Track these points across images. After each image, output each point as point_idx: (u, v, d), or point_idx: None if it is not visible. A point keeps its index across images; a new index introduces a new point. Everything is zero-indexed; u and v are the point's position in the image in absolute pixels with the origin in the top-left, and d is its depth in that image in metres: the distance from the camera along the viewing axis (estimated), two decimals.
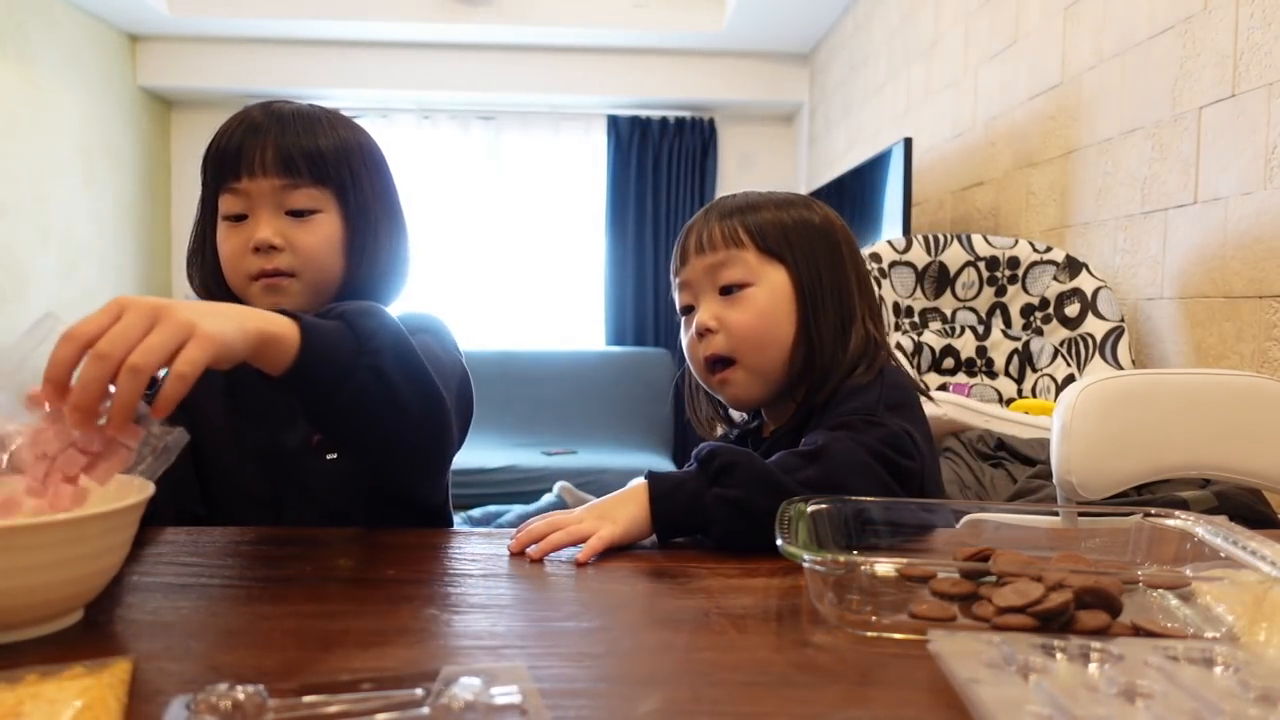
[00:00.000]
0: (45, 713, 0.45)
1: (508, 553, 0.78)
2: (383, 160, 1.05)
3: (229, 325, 0.63)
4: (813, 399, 0.98)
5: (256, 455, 0.99)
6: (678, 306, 1.05)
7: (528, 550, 0.77)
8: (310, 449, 0.97)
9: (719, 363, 1.00)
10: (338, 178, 0.98)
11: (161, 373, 0.62)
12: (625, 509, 0.80)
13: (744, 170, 5.35)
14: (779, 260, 0.99)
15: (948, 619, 0.60)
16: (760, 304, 0.98)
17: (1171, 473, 1.29)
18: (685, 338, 1.04)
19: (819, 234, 1.01)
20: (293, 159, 0.96)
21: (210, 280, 1.02)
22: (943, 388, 2.17)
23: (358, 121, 1.03)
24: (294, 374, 0.70)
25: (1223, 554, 0.66)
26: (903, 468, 0.85)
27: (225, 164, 0.97)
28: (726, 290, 0.99)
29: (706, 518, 0.79)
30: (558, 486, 3.78)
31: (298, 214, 0.97)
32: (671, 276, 1.05)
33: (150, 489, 0.62)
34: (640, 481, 0.83)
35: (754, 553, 0.76)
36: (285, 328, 0.69)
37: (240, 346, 0.64)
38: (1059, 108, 2.39)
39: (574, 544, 0.77)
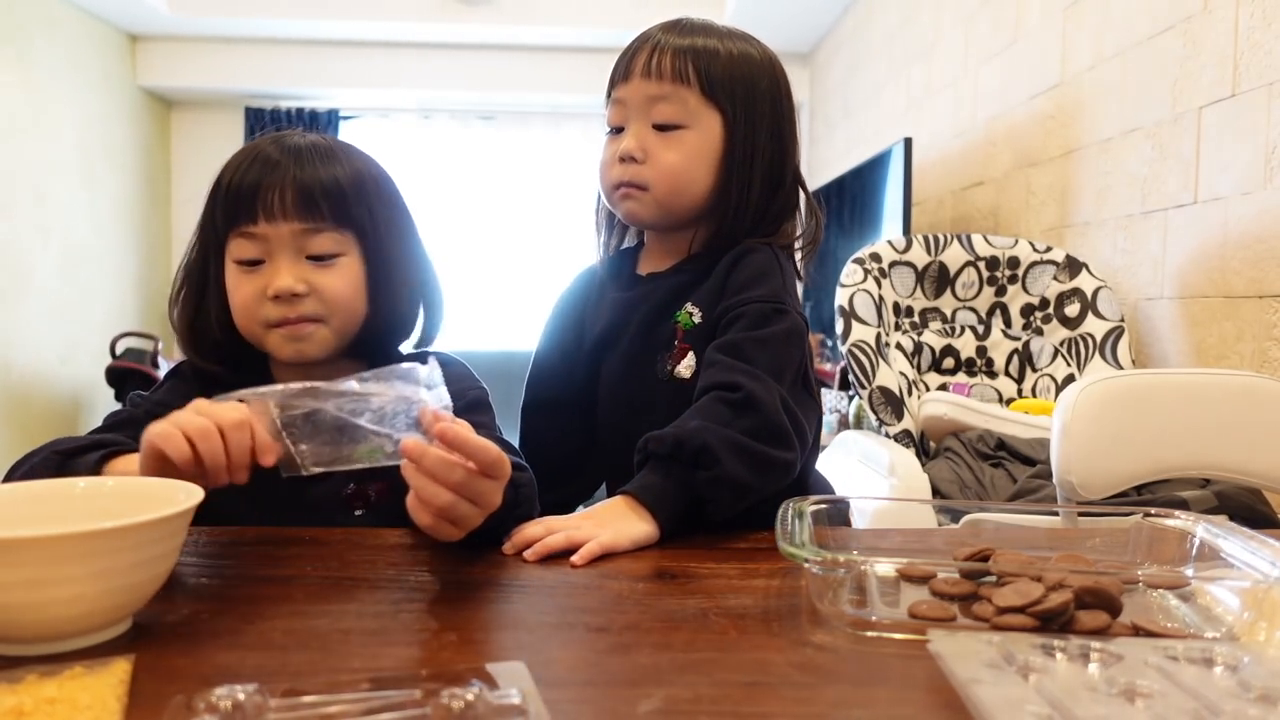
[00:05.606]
0: (45, 713, 0.45)
1: (505, 554, 0.78)
2: (398, 193, 0.99)
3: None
4: (710, 255, 0.99)
5: (272, 500, 0.88)
6: (608, 121, 1.02)
7: (524, 553, 0.77)
8: (340, 501, 0.92)
9: (631, 186, 0.99)
10: (359, 219, 0.92)
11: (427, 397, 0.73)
12: (624, 519, 0.80)
13: None
14: (719, 108, 0.97)
15: (947, 619, 0.60)
16: (689, 148, 0.97)
17: (1171, 473, 1.29)
18: (606, 154, 1.02)
19: (764, 85, 0.99)
20: (314, 200, 0.89)
21: (217, 324, 0.94)
22: (943, 388, 2.17)
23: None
24: None
25: (1222, 554, 0.66)
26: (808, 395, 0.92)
27: (238, 205, 0.89)
28: (661, 126, 0.98)
29: (702, 501, 0.82)
30: None
31: (319, 258, 0.91)
32: (608, 86, 1.02)
33: (199, 495, 0.61)
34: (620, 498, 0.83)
35: (754, 553, 0.76)
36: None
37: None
38: (1059, 107, 2.39)
39: (570, 547, 0.77)
